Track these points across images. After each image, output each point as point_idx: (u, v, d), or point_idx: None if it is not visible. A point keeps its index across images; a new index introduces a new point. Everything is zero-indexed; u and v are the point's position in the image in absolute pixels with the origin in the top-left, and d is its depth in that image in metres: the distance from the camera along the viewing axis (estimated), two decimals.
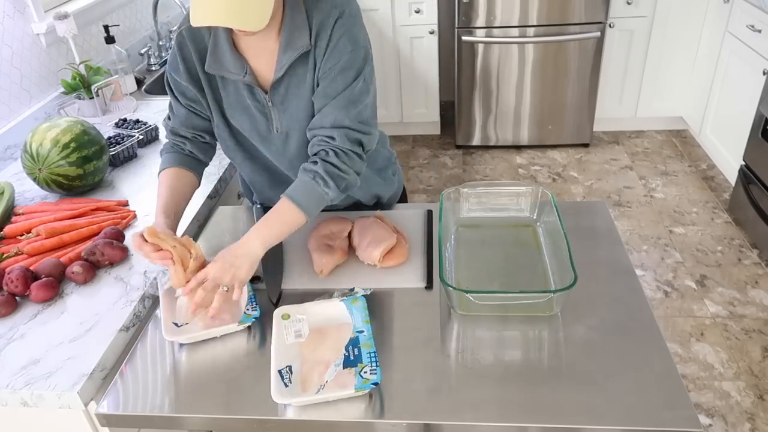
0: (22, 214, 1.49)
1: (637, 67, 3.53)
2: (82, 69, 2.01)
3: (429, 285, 1.23)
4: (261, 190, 1.46)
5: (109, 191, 1.62)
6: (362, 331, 1.09)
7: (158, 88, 2.40)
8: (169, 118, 1.35)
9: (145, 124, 1.85)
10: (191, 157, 1.34)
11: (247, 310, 1.17)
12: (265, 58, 1.22)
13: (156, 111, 2.07)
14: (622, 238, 1.35)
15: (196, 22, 1.04)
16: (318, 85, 1.21)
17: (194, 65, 1.25)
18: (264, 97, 1.25)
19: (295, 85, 1.23)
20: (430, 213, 1.45)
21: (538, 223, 1.38)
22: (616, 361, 1.04)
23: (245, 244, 1.14)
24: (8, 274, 1.23)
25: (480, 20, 3.34)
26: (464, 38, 3.38)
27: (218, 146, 1.42)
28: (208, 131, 1.35)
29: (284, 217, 1.17)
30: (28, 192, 1.63)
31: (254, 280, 1.27)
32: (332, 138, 1.19)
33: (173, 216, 1.25)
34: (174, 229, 1.24)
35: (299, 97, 1.24)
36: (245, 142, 1.35)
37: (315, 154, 1.21)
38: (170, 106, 1.34)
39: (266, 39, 1.20)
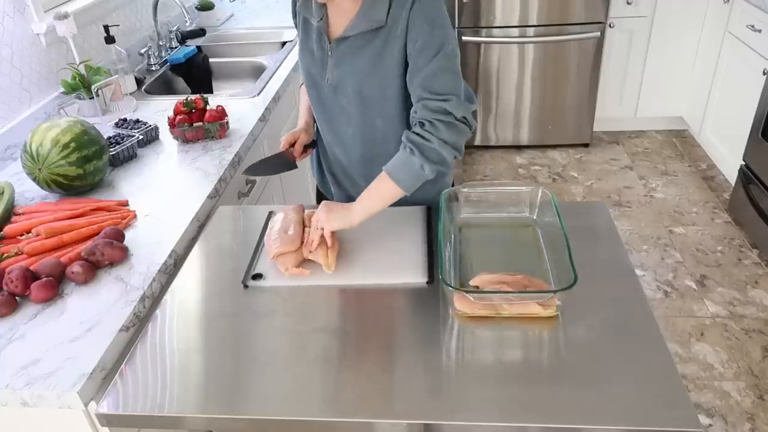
0: (22, 214, 1.49)
1: (637, 67, 3.53)
2: (82, 69, 2.00)
3: (430, 280, 1.24)
4: (320, 130, 1.54)
5: (109, 191, 1.61)
6: None
7: (158, 88, 2.40)
8: None
9: (145, 124, 1.85)
10: None
11: None
12: (342, 13, 1.33)
13: (156, 111, 2.07)
14: (622, 238, 1.35)
15: None
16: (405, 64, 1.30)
17: (296, 6, 1.43)
18: (328, 45, 1.36)
19: (356, 48, 1.33)
20: (428, 209, 1.46)
21: (538, 223, 1.38)
22: (616, 361, 1.04)
23: (350, 207, 1.27)
24: (8, 274, 1.23)
25: (480, 20, 3.34)
26: (464, 38, 3.38)
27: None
28: None
29: (382, 189, 1.28)
30: (28, 192, 1.63)
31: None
32: (415, 111, 1.29)
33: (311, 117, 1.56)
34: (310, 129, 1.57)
35: (354, 60, 1.34)
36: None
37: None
38: None
39: None
